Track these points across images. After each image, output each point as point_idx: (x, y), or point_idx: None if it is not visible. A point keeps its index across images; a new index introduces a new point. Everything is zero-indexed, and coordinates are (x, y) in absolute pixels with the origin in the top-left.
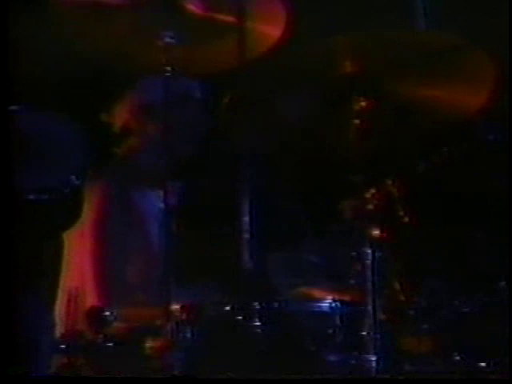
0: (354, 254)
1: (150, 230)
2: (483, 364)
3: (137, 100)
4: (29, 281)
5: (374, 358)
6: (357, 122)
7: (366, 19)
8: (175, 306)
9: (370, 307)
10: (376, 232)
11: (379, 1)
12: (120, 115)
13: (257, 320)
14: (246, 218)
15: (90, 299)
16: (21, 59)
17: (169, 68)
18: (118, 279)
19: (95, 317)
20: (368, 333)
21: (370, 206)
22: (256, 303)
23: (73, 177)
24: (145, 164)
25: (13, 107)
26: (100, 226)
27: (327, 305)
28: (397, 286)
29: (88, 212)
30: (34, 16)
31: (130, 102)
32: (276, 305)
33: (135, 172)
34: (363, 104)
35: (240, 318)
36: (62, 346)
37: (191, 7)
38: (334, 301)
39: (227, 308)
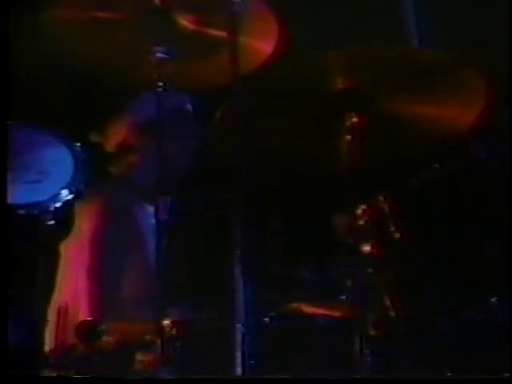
0: (345, 269)
1: (144, 245)
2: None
3: (133, 118)
4: (21, 295)
5: (364, 374)
6: (348, 137)
7: (358, 35)
8: (166, 321)
9: (360, 323)
10: (367, 248)
11: (371, 17)
12: (115, 133)
13: (248, 335)
14: (238, 234)
15: (82, 313)
16: (17, 75)
17: (161, 83)
18: (110, 294)
19: (87, 331)
20: (359, 348)
21: (362, 222)
22: (247, 318)
23: (64, 191)
24: (140, 179)
25: (9, 122)
26: (94, 240)
27: (318, 320)
28: (387, 301)
29: (83, 227)
30: (31, 33)
31: (126, 119)
32: (267, 320)
33: (131, 187)
34: (355, 120)
35: (231, 333)
36: (53, 360)
37: (184, 22)
38: (325, 316)
39: (218, 323)
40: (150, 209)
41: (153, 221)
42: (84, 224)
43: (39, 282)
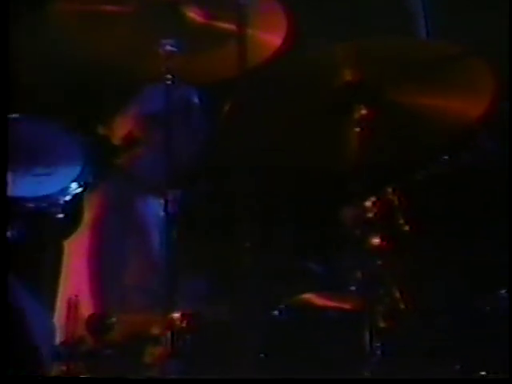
0: (354, 262)
1: (150, 238)
2: (483, 373)
3: (139, 109)
4: (29, 288)
5: (373, 366)
6: (357, 130)
7: (366, 27)
8: (175, 314)
9: (370, 315)
10: (376, 240)
11: (380, 9)
12: (121, 125)
13: (257, 328)
14: (247, 226)
15: (90, 306)
16: (20, 67)
17: (169, 76)
18: (118, 287)
19: (95, 324)
20: (368, 341)
21: (371, 215)
22: (256, 311)
23: (73, 184)
24: (146, 172)
25: (12, 115)
26: (100, 233)
27: (328, 313)
28: (397, 294)
29: (88, 219)
30: (34, 25)
31: (133, 111)
32: (276, 313)
33: (136, 180)
34: (364, 112)
35: (240, 325)
36: (62, 353)
37: (192, 15)
38: (335, 309)
39: (228, 316)
40: (155, 202)
41: (159, 214)
42: (90, 216)
43: (48, 276)
